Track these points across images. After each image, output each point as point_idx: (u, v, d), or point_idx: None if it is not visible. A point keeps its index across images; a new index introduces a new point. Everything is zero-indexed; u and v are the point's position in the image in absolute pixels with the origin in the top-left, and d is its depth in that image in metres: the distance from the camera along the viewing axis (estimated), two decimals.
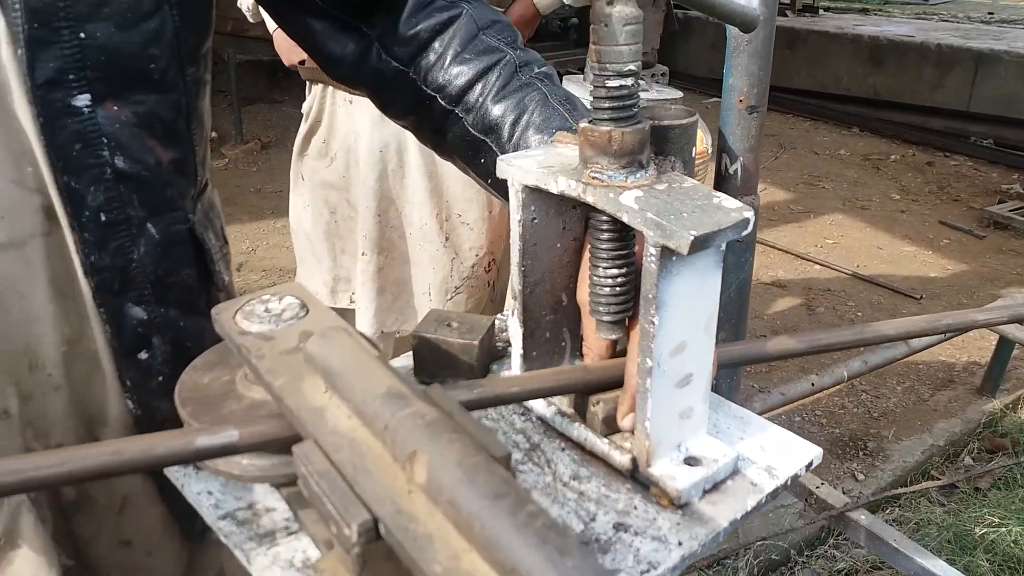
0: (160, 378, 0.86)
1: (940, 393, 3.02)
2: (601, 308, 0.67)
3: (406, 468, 0.47)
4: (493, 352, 0.86)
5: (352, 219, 2.19)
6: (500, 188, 0.90)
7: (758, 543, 1.86)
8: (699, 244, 0.54)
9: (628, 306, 0.67)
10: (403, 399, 0.50)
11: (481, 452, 0.45)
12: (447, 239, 2.13)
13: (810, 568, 1.97)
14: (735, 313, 1.71)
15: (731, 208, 0.58)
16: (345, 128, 2.09)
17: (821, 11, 8.84)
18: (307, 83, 2.17)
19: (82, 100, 0.73)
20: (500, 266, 2.23)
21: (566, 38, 6.86)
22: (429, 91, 0.91)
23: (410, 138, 2.02)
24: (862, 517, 1.50)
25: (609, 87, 0.59)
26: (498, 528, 0.40)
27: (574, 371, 0.71)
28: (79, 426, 0.85)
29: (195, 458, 0.59)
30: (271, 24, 2.10)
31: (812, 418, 2.78)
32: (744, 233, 0.57)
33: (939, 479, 2.46)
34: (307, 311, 0.68)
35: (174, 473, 0.70)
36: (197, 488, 0.68)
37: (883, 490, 2.17)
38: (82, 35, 0.72)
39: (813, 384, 1.78)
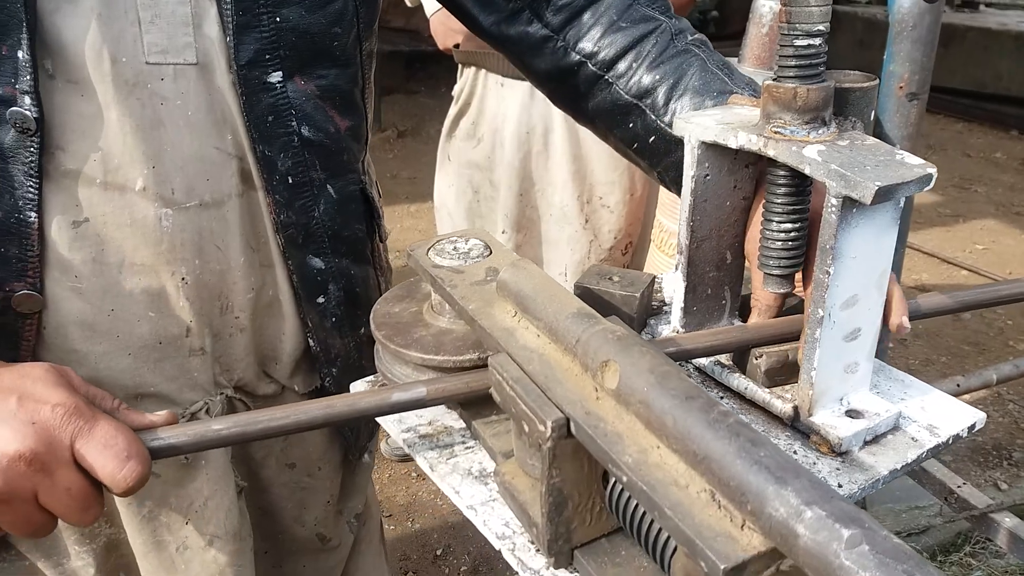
0: (333, 319, 0.95)
1: None
2: (771, 262, 0.70)
3: (596, 376, 0.52)
4: (650, 309, 0.90)
5: (493, 199, 2.26)
6: (644, 154, 0.92)
7: None
8: (882, 195, 0.57)
9: (798, 261, 0.69)
10: (593, 317, 0.55)
11: (671, 362, 0.49)
12: (587, 221, 2.17)
13: (943, 573, 1.90)
14: None
15: (914, 164, 0.59)
16: (494, 110, 2.17)
17: (982, 7, 8.29)
18: (459, 66, 2.26)
19: (275, 77, 0.82)
20: (636, 249, 2.26)
21: (704, 30, 6.77)
22: (578, 57, 0.94)
23: (556, 121, 2.08)
24: (1007, 519, 1.44)
25: (797, 46, 0.62)
26: (691, 423, 0.44)
27: (731, 331, 0.74)
28: (256, 363, 0.95)
29: (391, 411, 0.68)
30: (429, 8, 2.20)
31: None
32: (926, 188, 0.59)
33: None
34: (491, 251, 0.75)
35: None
36: None
37: None
38: (278, 19, 0.81)
39: (959, 385, 1.71)
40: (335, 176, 0.92)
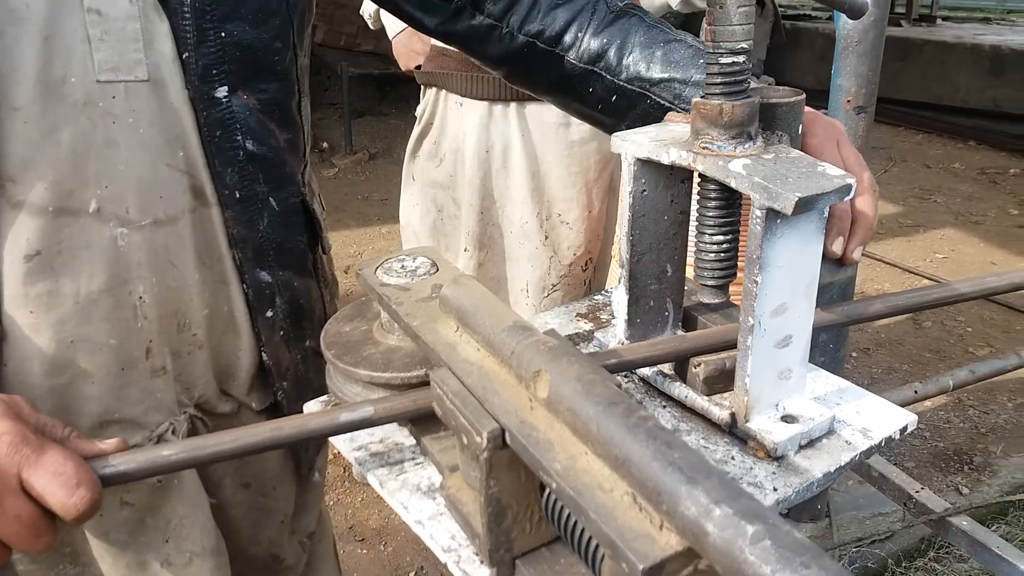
0: (282, 332, 0.97)
1: None
2: (706, 273, 0.72)
3: (530, 387, 0.53)
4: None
5: (457, 217, 2.28)
6: (609, 113, 0.99)
7: (854, 548, 1.83)
8: (803, 206, 0.59)
9: (732, 271, 0.72)
10: (528, 330, 0.57)
11: (598, 371, 0.51)
12: (546, 238, 2.20)
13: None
14: None
15: (834, 175, 0.62)
16: (454, 129, 2.19)
17: (939, 20, 8.51)
18: (421, 87, 2.28)
19: (221, 91, 0.84)
20: (596, 265, 2.29)
21: None
22: (526, 38, 1.00)
23: (514, 138, 2.10)
24: (964, 523, 1.47)
25: (722, 64, 0.64)
26: (612, 428, 0.45)
27: (670, 341, 0.77)
28: (214, 380, 0.95)
29: (340, 431, 0.68)
30: (391, 30, 2.23)
31: (915, 431, 2.70)
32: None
33: None
34: (437, 268, 0.76)
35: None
36: None
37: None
38: (223, 34, 0.83)
39: (916, 392, 1.75)
40: (277, 189, 0.93)
